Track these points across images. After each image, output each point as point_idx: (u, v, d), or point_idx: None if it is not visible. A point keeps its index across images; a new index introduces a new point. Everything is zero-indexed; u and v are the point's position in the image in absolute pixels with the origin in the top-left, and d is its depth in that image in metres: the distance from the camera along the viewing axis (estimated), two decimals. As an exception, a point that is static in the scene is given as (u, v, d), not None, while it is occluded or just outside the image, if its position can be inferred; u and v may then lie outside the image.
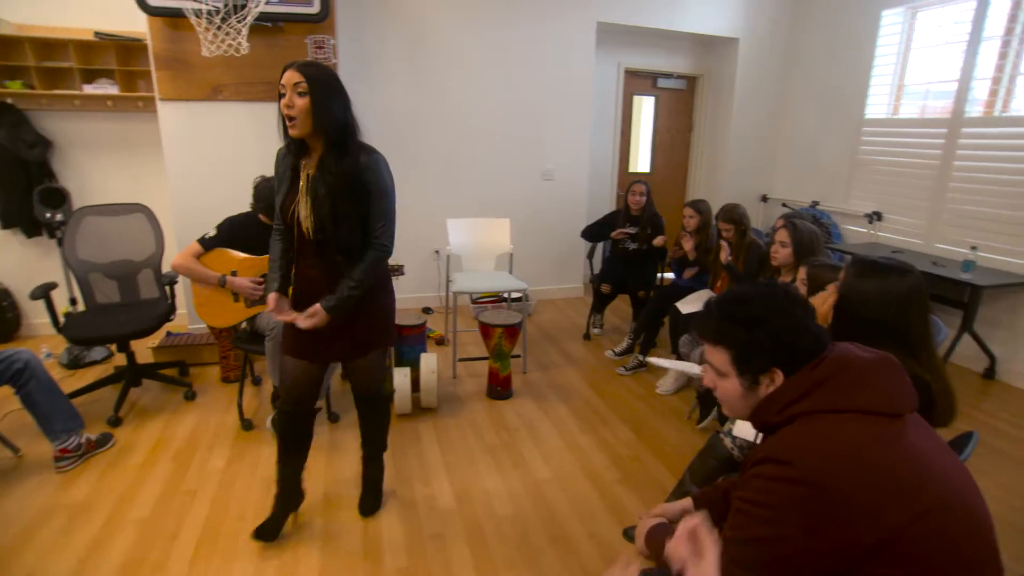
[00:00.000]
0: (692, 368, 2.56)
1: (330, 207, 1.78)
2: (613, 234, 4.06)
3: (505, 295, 4.46)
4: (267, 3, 3.22)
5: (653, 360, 2.73)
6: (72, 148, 3.90)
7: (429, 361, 3.03)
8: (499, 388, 3.26)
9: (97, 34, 3.55)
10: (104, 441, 2.72)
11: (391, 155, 4.35)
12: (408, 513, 2.30)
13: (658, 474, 2.60)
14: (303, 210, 1.82)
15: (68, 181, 3.90)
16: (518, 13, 4.51)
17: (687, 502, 1.35)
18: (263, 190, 2.77)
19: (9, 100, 3.63)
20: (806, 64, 5.18)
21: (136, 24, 3.49)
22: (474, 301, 4.69)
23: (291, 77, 1.70)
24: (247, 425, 2.90)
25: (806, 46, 5.17)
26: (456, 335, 3.57)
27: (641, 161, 5.81)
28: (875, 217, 4.52)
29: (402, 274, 2.90)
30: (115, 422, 2.90)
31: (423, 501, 2.38)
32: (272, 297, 1.93)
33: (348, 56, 4.10)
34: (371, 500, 2.32)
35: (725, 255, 3.27)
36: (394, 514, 2.30)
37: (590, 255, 4.34)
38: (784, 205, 5.32)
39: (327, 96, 1.72)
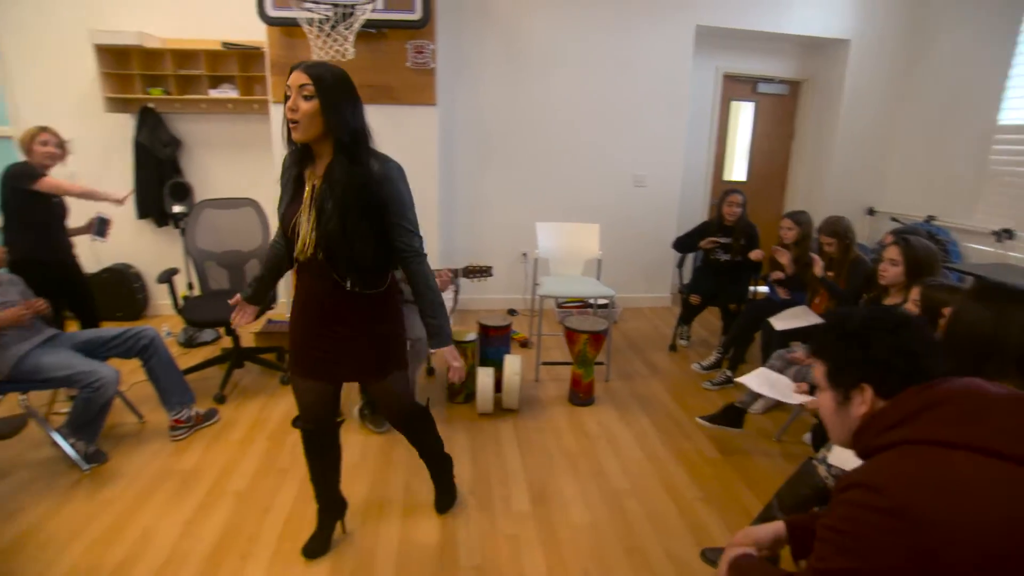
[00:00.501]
0: (785, 396, 2.42)
1: (339, 222, 1.61)
2: (702, 243, 3.93)
3: (591, 301, 4.43)
4: (373, 11, 3.38)
5: (743, 380, 2.60)
6: (196, 147, 4.29)
7: (513, 363, 3.06)
8: (581, 394, 3.24)
9: (224, 44, 3.89)
10: (210, 416, 2.96)
11: (483, 158, 4.56)
12: (484, 512, 2.33)
13: (742, 496, 2.49)
14: (304, 224, 1.66)
15: (191, 177, 4.29)
16: (616, 16, 4.47)
17: (779, 526, 1.27)
18: None
19: (151, 105, 4.05)
20: (926, 66, 4.77)
21: (257, 34, 3.78)
22: (559, 305, 4.69)
23: (297, 79, 1.54)
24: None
25: (928, 46, 4.76)
26: (540, 339, 3.58)
27: (737, 169, 5.58)
28: (1005, 235, 4.09)
29: (490, 275, 2.95)
30: (220, 399, 3.15)
31: (500, 501, 2.41)
32: (237, 299, 1.99)
33: (445, 60, 4.23)
34: (445, 499, 2.34)
35: (819, 269, 3.08)
36: (471, 512, 2.33)
37: (679, 264, 4.22)
38: (894, 219, 4.93)
39: (337, 98, 1.56)
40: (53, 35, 4.03)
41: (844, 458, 1.82)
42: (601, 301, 4.33)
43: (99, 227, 3.14)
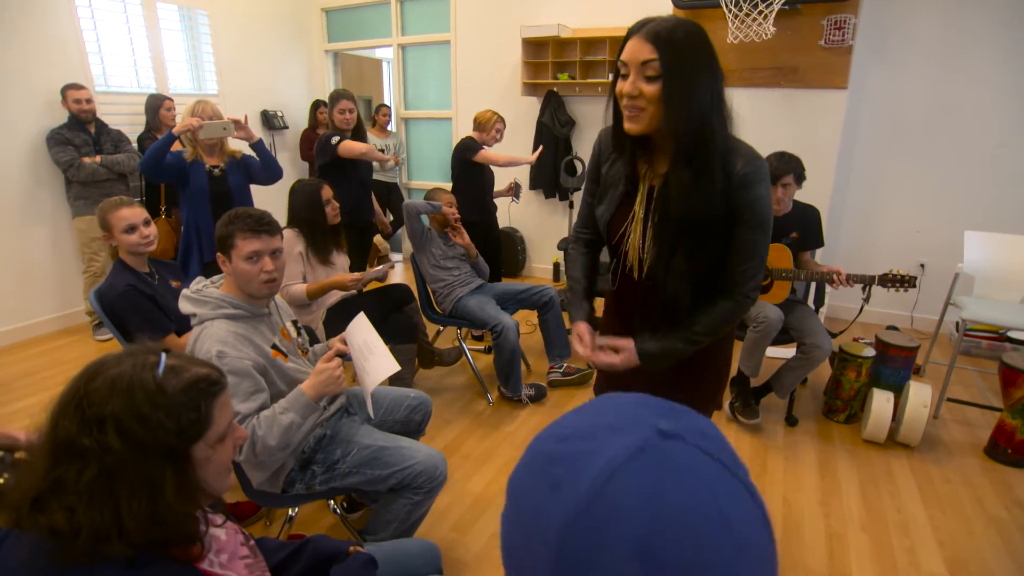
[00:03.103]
0: None
1: (670, 246, 1.24)
2: None
3: (1013, 335, 3.52)
4: (800, -15, 3.12)
5: None
6: (588, 127, 4.67)
7: (921, 393, 2.60)
8: (1009, 451, 2.58)
9: (630, 30, 4.09)
10: (585, 378, 3.23)
11: (889, 150, 3.95)
12: (881, 556, 2.04)
13: None
14: (635, 239, 1.30)
15: (582, 155, 4.68)
16: None
17: None
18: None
19: (555, 88, 4.54)
20: None
21: (663, 19, 3.88)
22: (964, 333, 3.83)
23: (638, 51, 1.10)
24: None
25: None
26: (952, 370, 2.97)
27: None
28: None
29: (913, 287, 2.53)
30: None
31: (903, 552, 2.07)
32: (582, 328, 1.41)
33: (864, 37, 3.69)
34: None
35: None
36: (863, 550, 2.06)
37: None
38: None
39: (691, 78, 1.10)
40: (492, 32, 4.82)
41: None
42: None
43: (516, 191, 3.69)
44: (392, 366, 1.58)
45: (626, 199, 1.32)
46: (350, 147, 3.21)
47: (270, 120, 5.31)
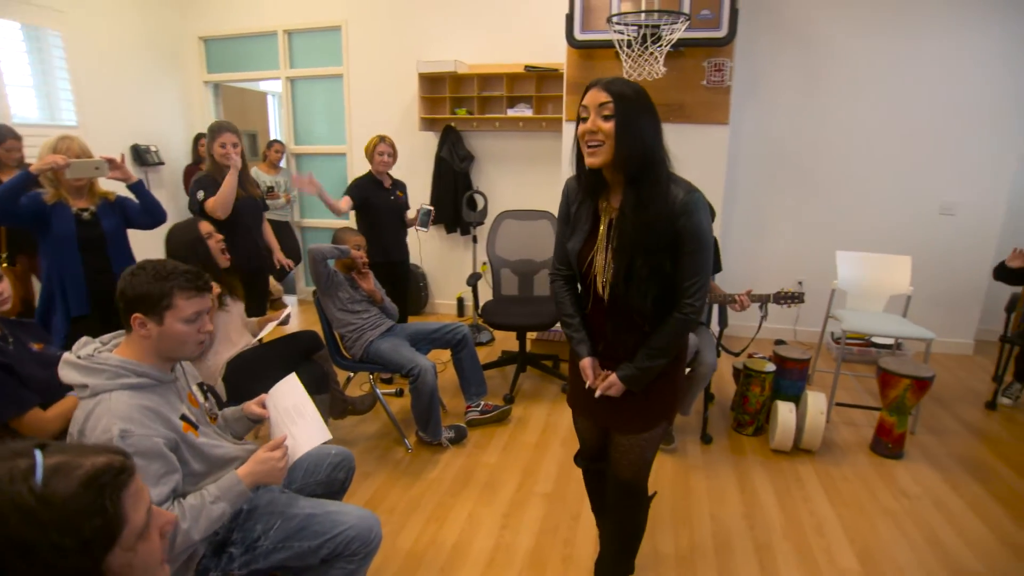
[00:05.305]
0: None
1: (627, 262, 1.46)
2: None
3: (885, 342, 3.96)
4: (685, 30, 3.36)
5: None
6: (487, 162, 4.70)
7: (818, 402, 2.81)
8: (890, 445, 2.86)
9: (527, 67, 4.20)
10: (503, 415, 3.16)
11: (766, 179, 4.31)
12: (805, 562, 2.14)
13: None
14: (599, 263, 1.54)
15: (480, 188, 4.70)
16: (930, 24, 3.90)
17: None
18: None
19: (453, 124, 4.54)
20: None
21: (557, 57, 4.02)
22: (836, 340, 4.24)
23: (596, 97, 1.40)
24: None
25: None
26: (838, 377, 3.25)
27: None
28: None
29: (802, 302, 2.77)
30: (510, 399, 3.37)
31: (821, 552, 2.20)
32: (587, 363, 1.65)
33: (739, 78, 4.06)
34: (619, 570, 1.93)
35: None
36: (789, 556, 2.16)
37: (1010, 308, 3.53)
38: None
39: (635, 117, 1.38)
40: (387, 67, 4.75)
41: None
42: (886, 341, 3.89)
43: (423, 218, 3.57)
44: (323, 435, 1.45)
45: (592, 232, 1.57)
46: (219, 208, 2.85)
47: (142, 156, 4.84)
